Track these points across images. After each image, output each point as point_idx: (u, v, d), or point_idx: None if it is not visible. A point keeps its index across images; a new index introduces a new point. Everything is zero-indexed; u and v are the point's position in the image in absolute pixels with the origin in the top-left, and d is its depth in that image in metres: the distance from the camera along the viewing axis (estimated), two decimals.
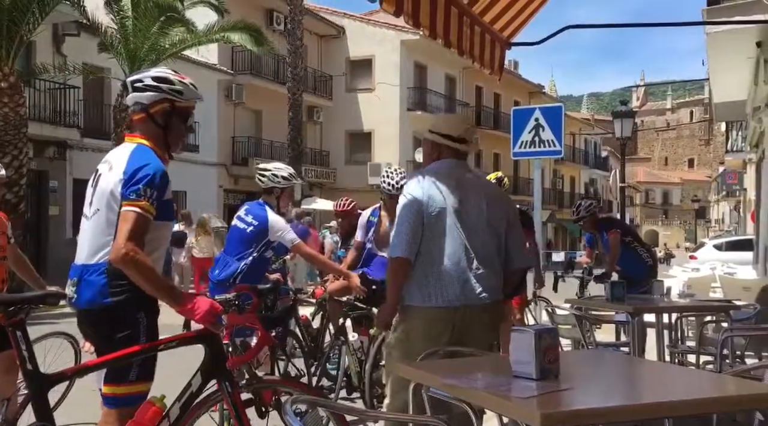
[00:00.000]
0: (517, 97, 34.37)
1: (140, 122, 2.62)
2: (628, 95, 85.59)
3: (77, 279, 2.51)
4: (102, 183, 2.56)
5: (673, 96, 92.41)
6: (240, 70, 22.93)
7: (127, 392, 2.51)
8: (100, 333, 2.54)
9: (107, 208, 2.50)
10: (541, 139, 7.44)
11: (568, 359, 2.72)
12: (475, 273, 2.96)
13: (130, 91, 2.60)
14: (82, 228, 2.62)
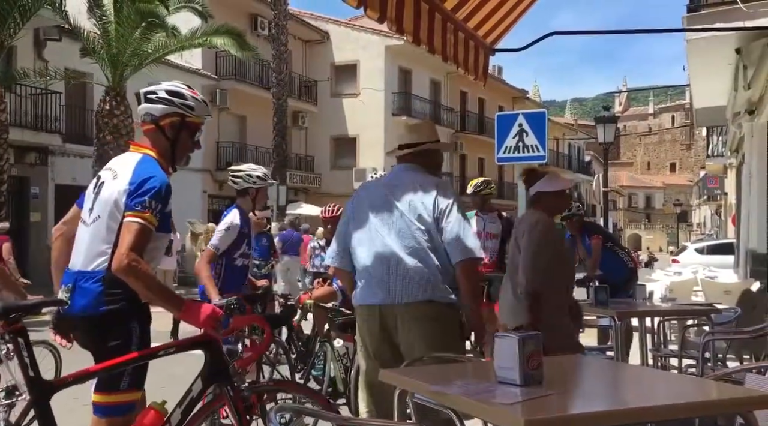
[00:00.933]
0: (502, 102, 34.58)
1: (149, 133, 2.66)
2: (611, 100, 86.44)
3: (72, 285, 2.50)
4: (105, 191, 2.55)
5: (655, 101, 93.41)
6: (224, 76, 22.85)
7: (117, 401, 2.51)
8: (93, 340, 2.54)
9: (109, 216, 2.51)
10: (524, 144, 7.48)
11: (552, 365, 2.73)
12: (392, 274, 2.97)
13: (143, 102, 2.64)
14: (80, 234, 2.61)
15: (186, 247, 13.58)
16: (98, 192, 2.59)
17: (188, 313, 2.50)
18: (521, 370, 2.08)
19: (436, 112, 30.39)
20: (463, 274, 2.96)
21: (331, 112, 27.28)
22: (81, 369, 2.49)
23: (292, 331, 5.49)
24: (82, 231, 2.60)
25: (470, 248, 2.94)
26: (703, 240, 27.45)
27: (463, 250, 2.93)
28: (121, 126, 15.11)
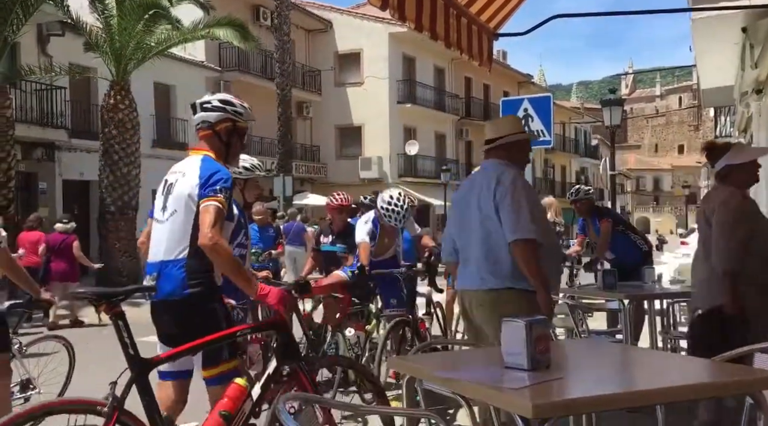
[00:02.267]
0: (506, 88, 34.38)
1: (206, 138, 3.01)
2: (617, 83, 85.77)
3: (157, 274, 2.84)
4: (177, 189, 2.88)
5: (661, 83, 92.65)
6: (227, 67, 22.81)
7: (225, 370, 2.84)
8: (179, 321, 2.84)
9: (185, 209, 2.83)
10: (530, 129, 7.44)
11: (560, 349, 2.73)
12: (469, 261, 3.30)
13: (199, 111, 3.01)
14: (157, 231, 2.94)
15: None
16: (168, 192, 2.93)
17: (262, 295, 2.82)
18: (529, 354, 2.08)
19: (440, 99, 30.26)
20: (516, 255, 3.10)
21: (336, 102, 27.21)
22: (172, 349, 2.80)
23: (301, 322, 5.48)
24: (158, 228, 2.94)
25: (519, 229, 3.07)
26: None
27: (512, 232, 3.09)
28: (126, 120, 15.12)
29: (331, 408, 2.89)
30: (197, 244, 2.73)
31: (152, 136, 19.52)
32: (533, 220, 3.11)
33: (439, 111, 29.73)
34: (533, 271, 3.09)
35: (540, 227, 3.15)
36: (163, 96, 20.47)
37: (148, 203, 15.74)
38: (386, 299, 5.18)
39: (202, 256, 2.76)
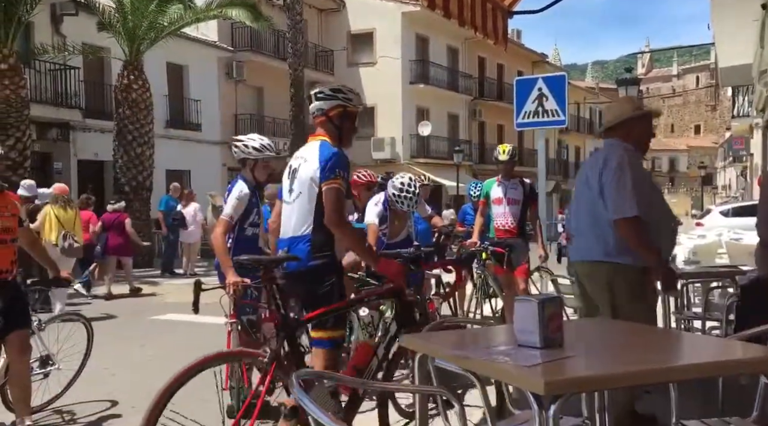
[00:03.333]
0: (521, 67, 34.03)
1: (321, 124, 3.29)
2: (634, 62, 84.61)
3: (287, 248, 3.19)
4: (301, 173, 3.20)
5: (678, 62, 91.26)
6: (240, 47, 22.74)
7: (327, 336, 3.12)
8: (304, 289, 3.16)
9: (309, 190, 3.14)
10: (544, 109, 7.37)
11: (572, 328, 2.73)
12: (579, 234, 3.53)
13: (314, 101, 3.27)
14: (285, 211, 3.30)
15: (208, 219, 13.71)
16: (294, 176, 3.25)
17: (383, 266, 3.24)
18: (541, 333, 2.09)
19: (454, 79, 30.02)
20: (621, 234, 3.24)
21: (348, 82, 26.88)
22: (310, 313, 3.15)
23: None
24: (286, 208, 3.30)
25: (621, 208, 3.21)
26: (728, 202, 26.99)
27: (614, 211, 3.24)
28: (140, 100, 15.16)
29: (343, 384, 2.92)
30: (321, 222, 3.07)
31: (165, 117, 19.57)
32: (636, 198, 3.22)
33: (452, 91, 29.52)
34: (641, 248, 3.22)
35: (646, 204, 3.25)
36: (176, 76, 20.48)
37: (161, 183, 15.90)
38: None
39: (324, 232, 3.10)
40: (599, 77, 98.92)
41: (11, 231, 3.84)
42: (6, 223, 3.78)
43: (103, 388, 5.08)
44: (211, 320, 6.33)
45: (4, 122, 12.40)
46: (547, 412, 1.78)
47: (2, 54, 12.39)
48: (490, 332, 2.85)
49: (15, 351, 3.78)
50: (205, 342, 6.61)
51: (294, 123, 19.06)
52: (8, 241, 3.81)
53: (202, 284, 4.05)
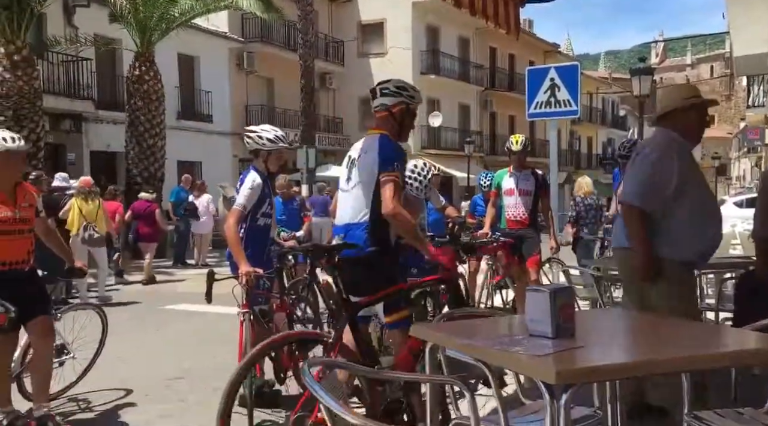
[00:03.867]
0: (532, 58, 33.79)
1: (383, 119, 3.45)
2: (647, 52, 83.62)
3: (344, 234, 3.34)
4: (360, 163, 3.38)
5: (693, 51, 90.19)
6: (250, 38, 22.74)
7: (401, 317, 3.32)
8: (361, 274, 3.28)
9: (367, 181, 3.31)
10: (556, 99, 7.33)
11: (584, 318, 2.73)
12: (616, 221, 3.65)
13: (378, 96, 3.46)
14: (342, 199, 3.47)
15: (219, 210, 13.77)
16: (352, 166, 3.43)
17: (437, 255, 3.42)
18: (553, 322, 2.08)
19: (465, 69, 29.88)
20: (622, 215, 3.39)
21: (359, 73, 27.01)
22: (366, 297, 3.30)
23: (320, 292, 5.52)
24: (343, 196, 3.46)
25: (626, 192, 3.33)
26: (742, 193, 26.73)
27: (623, 192, 3.37)
28: (151, 91, 15.21)
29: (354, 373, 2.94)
30: (378, 210, 3.24)
31: (176, 108, 19.63)
32: (648, 190, 3.26)
33: (463, 82, 29.38)
34: (634, 238, 3.31)
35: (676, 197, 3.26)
36: (187, 67, 20.53)
37: (173, 175, 16.00)
38: (408, 269, 5.18)
39: (381, 220, 3.27)
40: (612, 67, 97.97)
41: (29, 221, 3.88)
42: (23, 213, 3.82)
43: (117, 377, 5.14)
44: (223, 310, 6.38)
45: (17, 113, 12.50)
46: (558, 402, 1.78)
47: (15, 46, 12.46)
48: (502, 322, 2.85)
49: (37, 335, 3.82)
50: (217, 332, 6.69)
51: (304, 114, 19.06)
52: (25, 231, 3.85)
53: (215, 274, 4.08)
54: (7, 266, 3.74)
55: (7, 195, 3.76)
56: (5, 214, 3.72)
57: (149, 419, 4.22)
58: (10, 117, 12.41)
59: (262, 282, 4.18)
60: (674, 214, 3.27)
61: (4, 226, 3.71)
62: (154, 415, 4.29)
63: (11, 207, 3.75)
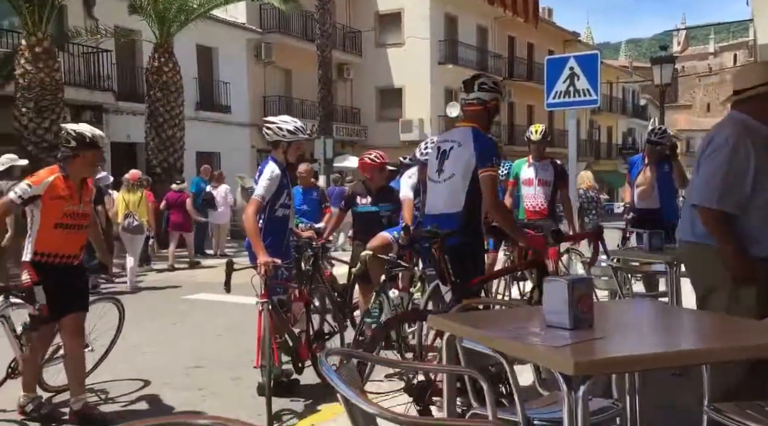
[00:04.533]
0: (552, 47, 33.44)
1: (476, 112, 3.59)
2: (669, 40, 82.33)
3: (437, 224, 3.47)
4: (453, 156, 3.52)
5: (716, 39, 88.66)
6: (268, 29, 22.76)
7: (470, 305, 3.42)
8: (451, 262, 3.43)
9: (462, 172, 3.46)
10: (576, 88, 7.24)
11: (603, 309, 2.70)
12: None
13: (475, 90, 3.57)
14: (434, 190, 3.63)
15: (237, 201, 13.85)
16: (444, 157, 3.56)
17: (531, 241, 3.58)
18: (571, 313, 2.07)
19: (483, 59, 29.66)
20: (701, 220, 2.97)
21: (376, 63, 26.95)
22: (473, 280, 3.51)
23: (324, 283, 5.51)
24: (434, 188, 3.61)
25: (703, 195, 2.95)
26: None
27: (696, 195, 3.00)
28: (170, 82, 15.30)
29: (374, 364, 2.94)
30: (472, 201, 3.41)
31: (195, 99, 19.74)
32: (725, 189, 2.90)
33: (481, 72, 29.17)
34: (719, 242, 2.93)
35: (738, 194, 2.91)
36: (206, 58, 20.61)
37: (191, 166, 16.18)
38: (425, 258, 5.16)
39: (473, 211, 3.44)
40: (633, 56, 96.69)
41: (88, 217, 3.92)
42: (87, 208, 3.87)
43: (136, 365, 5.21)
44: (242, 300, 6.42)
45: (39, 105, 12.64)
46: (576, 393, 1.77)
47: (37, 37, 12.59)
48: (519, 312, 2.84)
49: (69, 334, 3.85)
50: (236, 321, 6.75)
51: (321, 105, 19.06)
52: (83, 226, 3.89)
53: (234, 264, 4.10)
54: (60, 259, 3.76)
55: (76, 189, 3.80)
56: (72, 208, 3.76)
57: (168, 407, 4.27)
58: (32, 108, 12.57)
59: (281, 272, 4.20)
60: (752, 209, 2.93)
61: (67, 219, 3.74)
62: (173, 403, 4.35)
63: (77, 201, 3.79)
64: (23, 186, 3.68)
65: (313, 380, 4.47)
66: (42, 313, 3.68)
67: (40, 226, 3.71)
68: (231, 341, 5.97)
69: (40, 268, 3.70)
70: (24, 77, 12.57)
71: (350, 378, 1.88)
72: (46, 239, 3.72)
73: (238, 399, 4.41)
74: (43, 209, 3.69)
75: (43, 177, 3.74)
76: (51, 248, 3.73)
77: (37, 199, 3.67)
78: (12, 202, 3.66)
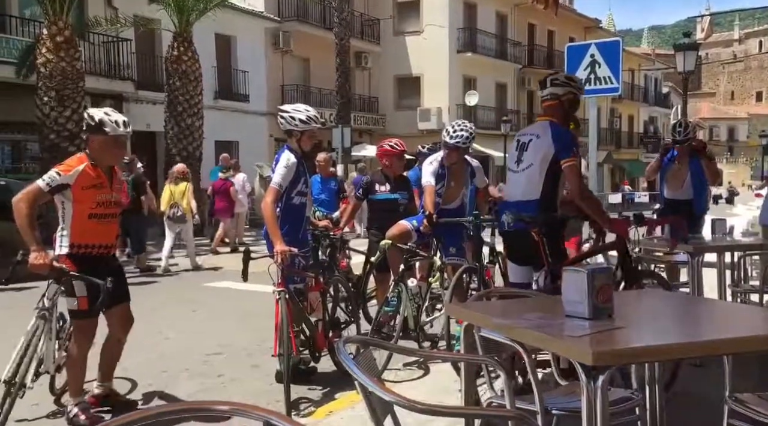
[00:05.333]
0: (573, 34, 32.99)
1: (552, 107, 3.76)
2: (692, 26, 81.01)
3: (516, 210, 3.66)
4: (533, 147, 3.68)
5: (740, 26, 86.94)
6: (286, 17, 22.73)
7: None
8: (532, 246, 3.59)
9: (540, 163, 3.63)
10: (597, 76, 7.14)
11: (623, 299, 2.68)
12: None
13: (548, 86, 3.76)
14: (512, 179, 3.83)
15: (255, 190, 13.92)
16: (523, 149, 3.74)
17: (615, 226, 3.68)
18: (590, 303, 2.05)
19: (502, 47, 29.38)
20: None
21: (394, 52, 26.81)
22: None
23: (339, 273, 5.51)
24: (513, 177, 3.81)
25: None
26: None
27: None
28: (189, 71, 15.37)
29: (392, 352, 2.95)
30: (549, 190, 3.61)
31: (214, 88, 19.81)
32: None
33: (500, 59, 28.92)
34: None
35: None
36: (224, 47, 20.65)
37: (210, 154, 16.30)
38: (446, 247, 5.14)
39: (550, 199, 3.63)
40: (656, 43, 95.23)
41: (120, 205, 3.82)
42: (118, 197, 3.77)
43: (156, 351, 5.27)
44: (260, 288, 6.47)
45: (60, 94, 12.77)
46: (595, 383, 1.75)
47: (58, 27, 12.70)
48: (538, 302, 2.82)
49: (120, 324, 3.80)
50: (254, 309, 6.80)
51: (340, 93, 19.04)
52: (116, 215, 3.79)
53: (251, 253, 4.11)
54: (97, 250, 3.65)
55: (106, 178, 3.67)
56: (105, 197, 3.63)
57: (187, 394, 4.32)
58: (54, 97, 12.71)
59: (297, 261, 4.21)
60: None
61: (100, 209, 3.61)
62: (192, 390, 4.40)
63: (108, 189, 3.67)
64: (52, 174, 3.50)
65: (329, 368, 4.49)
66: (80, 308, 3.55)
67: (74, 217, 3.57)
68: (250, 329, 6.02)
69: (78, 260, 3.57)
70: (45, 66, 12.70)
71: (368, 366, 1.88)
72: (81, 230, 3.58)
73: (257, 386, 4.45)
74: (75, 200, 3.55)
75: (72, 165, 3.57)
76: (87, 239, 3.60)
77: (67, 189, 3.52)
78: (40, 190, 3.48)
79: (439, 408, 1.75)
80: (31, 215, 3.46)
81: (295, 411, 3.86)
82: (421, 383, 4.22)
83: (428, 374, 4.40)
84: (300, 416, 3.80)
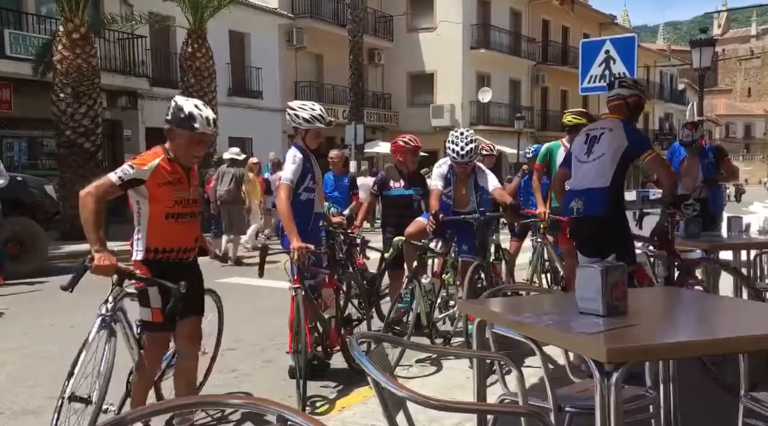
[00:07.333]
0: (587, 30, 32.78)
1: (618, 107, 4.03)
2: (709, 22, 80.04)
3: (585, 197, 3.91)
4: (606, 139, 3.92)
5: (758, 21, 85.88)
6: (300, 14, 22.77)
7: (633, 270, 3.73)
8: (598, 231, 3.87)
9: (612, 154, 3.86)
10: (611, 72, 7.08)
11: (638, 296, 2.66)
12: None
13: (616, 87, 4.04)
14: (580, 167, 4.02)
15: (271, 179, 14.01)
16: (593, 141, 3.97)
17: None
18: (604, 300, 2.04)
19: (516, 43, 29.24)
20: None
21: (408, 48, 26.77)
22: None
23: (355, 270, 5.52)
24: (582, 166, 4.01)
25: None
26: None
27: None
28: (203, 68, 15.43)
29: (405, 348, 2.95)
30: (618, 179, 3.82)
31: (228, 85, 19.88)
32: None
33: (514, 56, 28.79)
34: None
35: None
36: (238, 44, 20.72)
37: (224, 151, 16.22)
38: (459, 245, 5.15)
39: (618, 188, 3.85)
40: (671, 39, 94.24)
41: (199, 203, 3.37)
42: (195, 193, 3.32)
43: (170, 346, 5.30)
44: (275, 284, 6.51)
45: (76, 90, 12.88)
46: (608, 381, 1.75)
47: (74, 24, 12.80)
48: (551, 299, 2.82)
49: (184, 341, 3.31)
50: (269, 305, 6.83)
51: (353, 90, 19.04)
52: (196, 214, 3.31)
53: (268, 249, 4.13)
54: (176, 254, 3.20)
55: (184, 173, 3.24)
56: (182, 194, 3.19)
57: (201, 388, 4.34)
58: (70, 94, 12.82)
59: (308, 256, 4.21)
60: None
61: (179, 207, 3.17)
62: (206, 384, 4.43)
63: (186, 186, 3.23)
64: (125, 167, 3.10)
65: (342, 364, 4.51)
66: (153, 320, 3.14)
67: (150, 218, 3.14)
68: (264, 325, 6.06)
69: (154, 266, 3.13)
70: (62, 63, 12.81)
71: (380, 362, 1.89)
72: (157, 233, 3.15)
73: (270, 381, 4.47)
74: (151, 198, 3.12)
75: (147, 159, 3.15)
76: (165, 243, 3.16)
77: (141, 185, 3.10)
78: (112, 184, 3.05)
79: (452, 404, 1.75)
80: (98, 211, 3.02)
81: (308, 406, 3.87)
82: (432, 380, 4.23)
83: (440, 370, 4.40)
84: (313, 411, 3.81)
